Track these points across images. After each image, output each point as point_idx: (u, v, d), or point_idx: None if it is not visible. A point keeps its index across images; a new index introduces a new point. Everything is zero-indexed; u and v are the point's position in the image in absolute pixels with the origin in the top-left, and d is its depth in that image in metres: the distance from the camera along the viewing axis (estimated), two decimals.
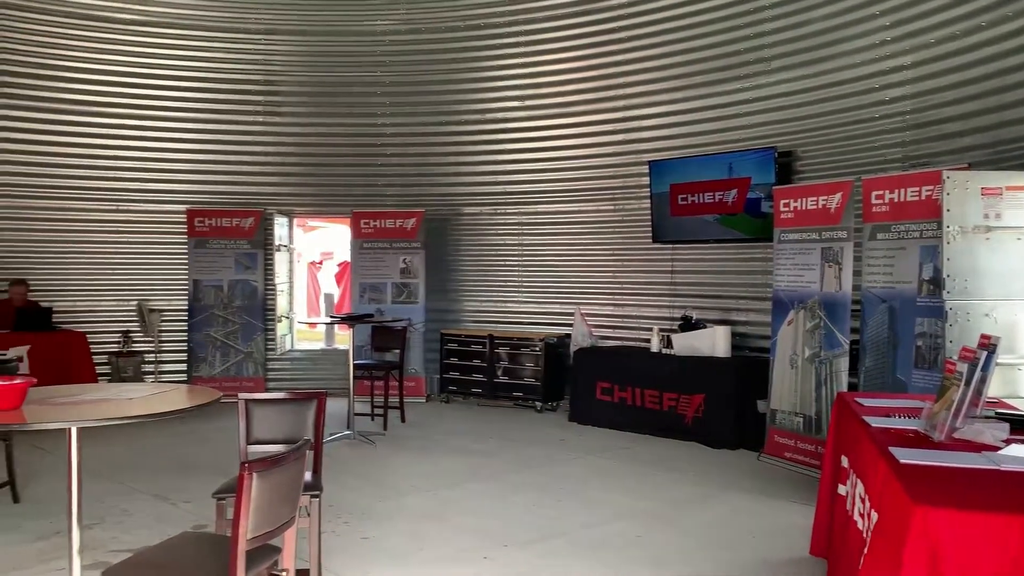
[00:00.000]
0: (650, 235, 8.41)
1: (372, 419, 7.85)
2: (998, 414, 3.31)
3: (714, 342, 7.43)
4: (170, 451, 6.89)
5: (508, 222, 9.75)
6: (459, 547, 4.58)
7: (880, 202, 5.59)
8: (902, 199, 5.44)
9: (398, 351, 8.00)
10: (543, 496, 5.61)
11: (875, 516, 2.72)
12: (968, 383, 3.02)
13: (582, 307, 9.02)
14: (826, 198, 6.12)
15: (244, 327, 9.61)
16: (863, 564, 2.70)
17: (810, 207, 6.26)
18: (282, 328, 10.06)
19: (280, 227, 10.01)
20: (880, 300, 5.56)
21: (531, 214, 9.59)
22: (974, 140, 6.04)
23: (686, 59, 8.21)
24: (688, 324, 7.80)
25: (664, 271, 8.52)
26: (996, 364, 3.09)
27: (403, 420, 8.06)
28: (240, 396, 3.84)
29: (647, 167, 8.36)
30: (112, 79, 9.34)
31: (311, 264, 16.62)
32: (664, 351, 7.79)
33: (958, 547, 2.17)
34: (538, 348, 8.81)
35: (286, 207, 10.09)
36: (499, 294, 9.85)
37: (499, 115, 9.64)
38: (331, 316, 12.78)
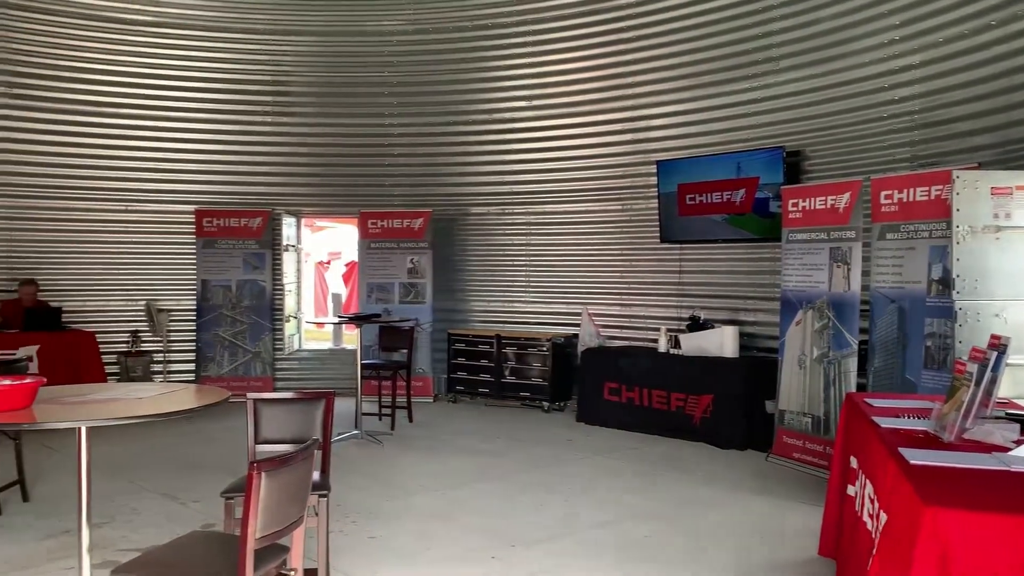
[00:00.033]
0: (658, 235, 8.39)
1: (380, 419, 7.86)
2: (1008, 415, 3.29)
3: (722, 342, 7.41)
4: (179, 450, 6.91)
5: (515, 222, 9.75)
6: (467, 547, 4.58)
7: (889, 202, 5.57)
8: (911, 199, 5.41)
9: (405, 351, 8.00)
10: (551, 496, 5.61)
11: (884, 517, 2.71)
12: (978, 384, 3.01)
13: (590, 307, 9.02)
14: (835, 198, 6.10)
15: (252, 327, 9.63)
16: (872, 565, 2.69)
17: (819, 207, 6.24)
18: (290, 328, 10.09)
19: (288, 227, 10.04)
20: (889, 300, 5.54)
21: (539, 214, 9.59)
22: (983, 140, 6.01)
23: (694, 59, 8.20)
24: (696, 324, 7.78)
25: (672, 271, 8.51)
26: (1006, 364, 3.08)
27: (411, 420, 8.07)
28: (249, 396, 3.85)
29: (655, 167, 8.35)
30: (121, 80, 9.38)
31: (319, 264, 16.64)
32: (672, 351, 7.78)
33: (968, 548, 2.16)
34: (545, 348, 8.81)
35: (294, 207, 10.12)
36: (506, 294, 9.85)
37: (506, 115, 9.64)
38: (339, 316, 12.82)
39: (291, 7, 9.71)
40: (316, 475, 3.53)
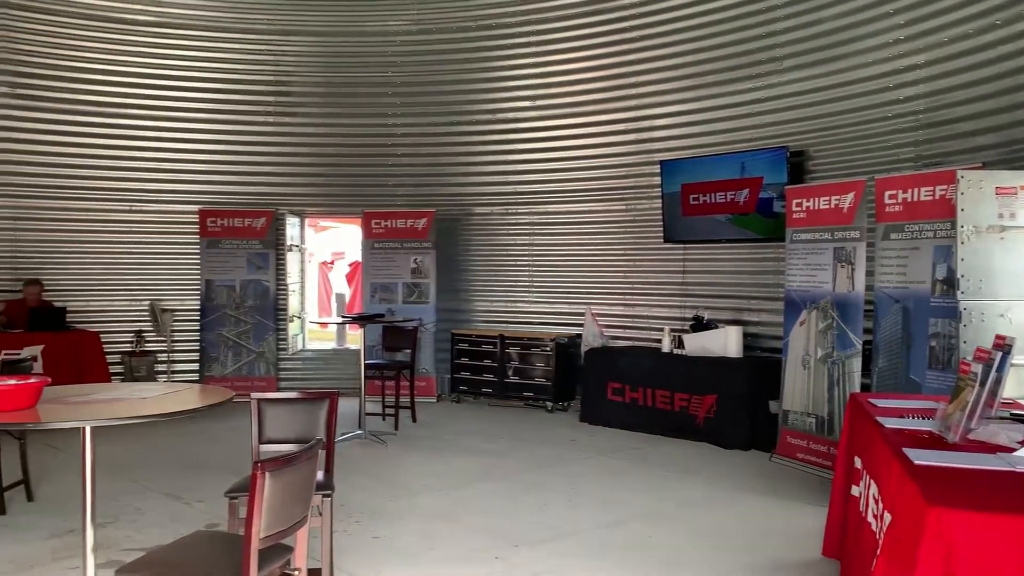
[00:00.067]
0: (662, 235, 8.39)
1: (383, 419, 7.87)
2: (1013, 415, 3.29)
3: (726, 342, 7.40)
4: (183, 450, 6.92)
5: (519, 222, 9.75)
6: (470, 547, 4.58)
7: (893, 202, 5.56)
8: (915, 199, 5.40)
9: (409, 351, 8.00)
10: (554, 496, 5.60)
11: (889, 517, 2.70)
12: (983, 384, 3.01)
13: (593, 307, 9.01)
14: (839, 198, 6.09)
15: (256, 327, 9.64)
16: (876, 565, 2.68)
17: (822, 207, 6.23)
18: (294, 328, 10.09)
19: (292, 227, 10.05)
20: (893, 300, 5.53)
21: (542, 214, 9.59)
22: (988, 139, 6.00)
23: (698, 58, 8.19)
24: (700, 324, 7.77)
25: (676, 271, 8.50)
26: (1011, 365, 3.07)
27: (414, 420, 8.07)
28: (253, 396, 3.85)
29: (659, 167, 8.34)
30: (124, 80, 9.40)
31: (322, 264, 16.67)
32: (676, 351, 7.77)
33: (973, 548, 2.16)
34: (549, 348, 8.80)
35: (298, 207, 10.13)
36: (510, 294, 9.85)
37: (510, 115, 9.64)
38: (342, 316, 12.83)
39: (294, 7, 9.72)
40: (320, 475, 3.53)
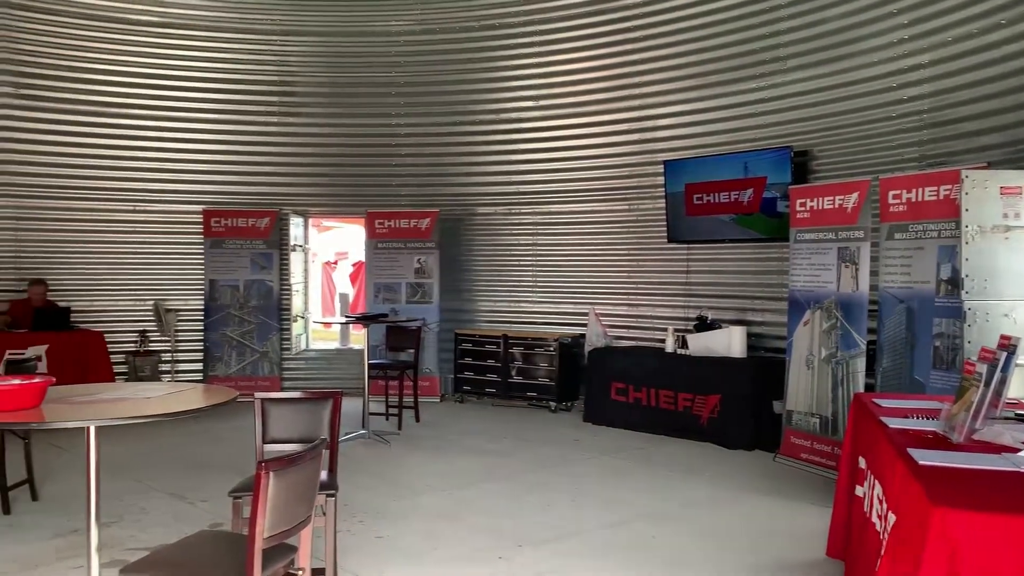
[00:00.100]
0: (665, 235, 8.38)
1: (387, 419, 7.87)
2: (1018, 415, 3.28)
3: (730, 342, 7.40)
4: (186, 450, 6.93)
5: (522, 222, 9.75)
6: (474, 547, 4.58)
7: (897, 202, 5.55)
8: (920, 198, 5.40)
9: (412, 351, 8.01)
10: (558, 496, 5.60)
11: (893, 518, 2.70)
12: (987, 384, 3.00)
13: (596, 307, 9.01)
14: (843, 198, 6.08)
15: (260, 327, 9.65)
16: (880, 566, 2.68)
17: (826, 207, 6.22)
18: (297, 328, 10.10)
19: (295, 227, 10.06)
20: (897, 300, 5.52)
21: (545, 214, 9.59)
22: (992, 139, 5.99)
23: (701, 58, 8.18)
24: (703, 324, 7.77)
25: (679, 271, 8.50)
26: (1016, 365, 3.06)
27: (417, 420, 8.08)
28: (256, 395, 3.86)
29: (662, 167, 8.34)
30: (128, 81, 9.41)
31: (326, 264, 16.68)
32: (679, 351, 7.76)
33: (977, 549, 2.15)
34: (552, 348, 8.80)
35: (301, 207, 10.14)
36: (513, 294, 9.85)
37: (513, 115, 9.64)
38: (346, 316, 12.83)
39: (298, 8, 9.72)
40: (324, 475, 3.54)
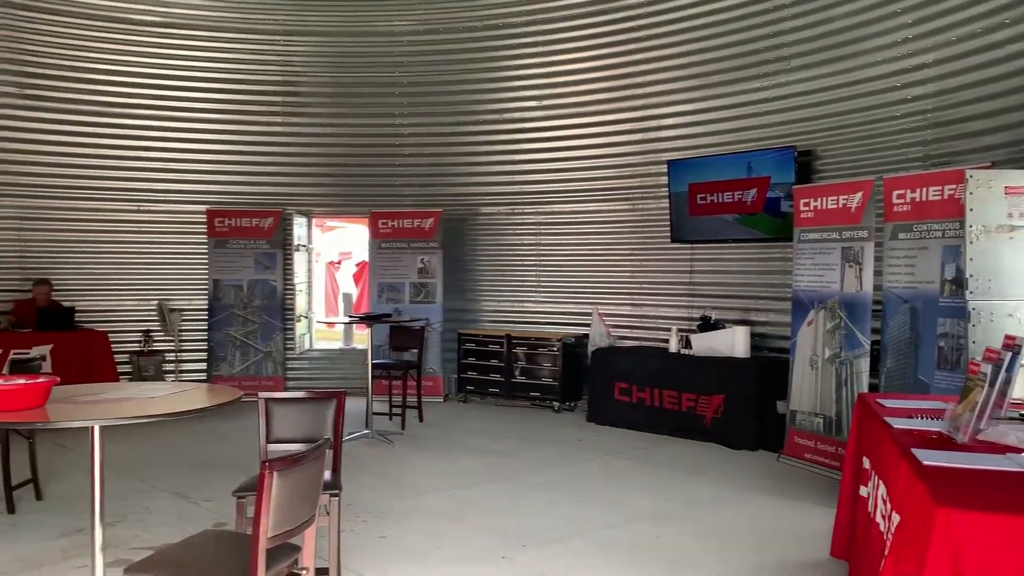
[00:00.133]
0: (669, 235, 8.38)
1: (390, 418, 7.87)
2: (1022, 415, 3.27)
3: (733, 342, 7.39)
4: (191, 450, 6.94)
5: (526, 222, 9.75)
6: (477, 546, 4.59)
7: (901, 201, 5.54)
8: (924, 198, 5.38)
9: (416, 351, 8.01)
10: (561, 496, 5.60)
11: (897, 518, 2.69)
12: (992, 384, 2.99)
13: (600, 307, 9.00)
14: (846, 197, 6.07)
15: (263, 326, 9.66)
16: (884, 566, 2.68)
17: (830, 206, 6.21)
18: (301, 327, 10.12)
19: (299, 227, 10.08)
20: (902, 300, 5.51)
21: (549, 214, 9.59)
22: (997, 139, 5.97)
23: (705, 58, 8.17)
24: (707, 324, 7.76)
25: (683, 271, 8.49)
26: (1021, 365, 3.05)
27: (421, 419, 8.08)
28: (260, 395, 3.86)
29: (666, 166, 8.33)
30: (132, 81, 9.42)
31: (329, 264, 16.69)
32: (683, 351, 7.76)
33: (982, 550, 2.15)
34: (556, 348, 8.80)
35: (305, 207, 10.15)
36: (517, 294, 9.85)
37: (516, 115, 9.64)
38: (349, 316, 12.85)
39: (301, 8, 9.73)
40: (327, 474, 3.54)
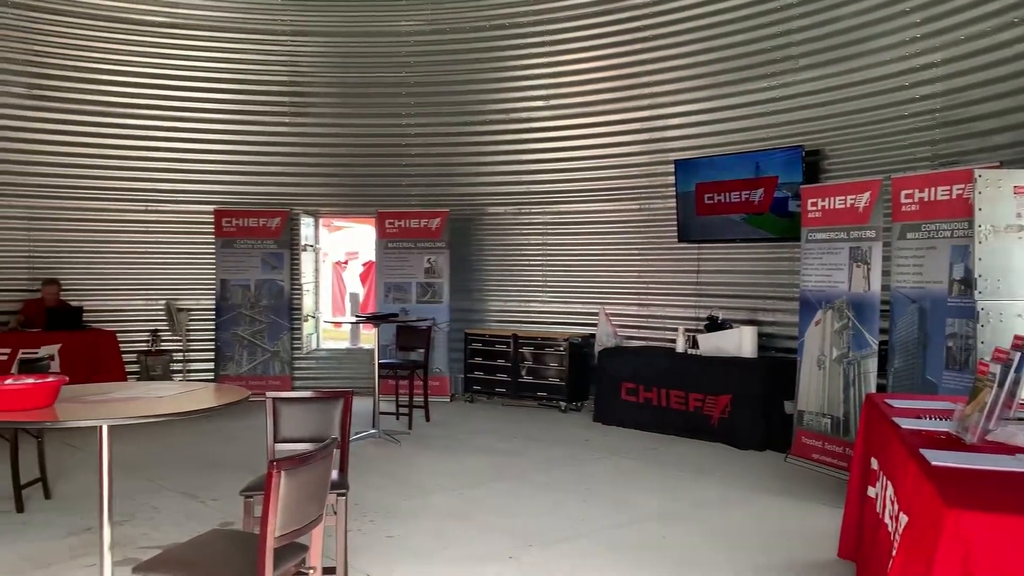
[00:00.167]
0: (676, 235, 8.36)
1: (397, 418, 7.88)
2: None
3: (740, 342, 7.38)
4: (198, 449, 6.96)
5: (532, 222, 9.75)
6: (484, 546, 4.59)
7: (910, 201, 5.52)
8: (932, 198, 5.36)
9: (423, 350, 8.02)
10: (568, 496, 5.60)
11: (905, 519, 2.68)
12: (1001, 385, 2.98)
13: (607, 307, 9.00)
14: (854, 197, 6.05)
15: (271, 326, 9.68)
16: (892, 567, 2.66)
17: (838, 206, 6.19)
18: (308, 327, 10.13)
19: (306, 227, 10.09)
20: (910, 300, 5.49)
21: (555, 214, 9.58)
22: (1005, 138, 5.95)
23: (712, 57, 8.16)
24: (714, 324, 7.75)
25: (690, 271, 8.48)
26: None
27: (428, 419, 8.09)
28: (268, 395, 3.87)
29: (673, 166, 8.32)
30: (139, 81, 9.45)
31: (336, 264, 16.71)
32: (690, 351, 7.75)
33: (991, 550, 2.14)
34: (562, 348, 8.79)
35: (312, 207, 10.17)
36: (523, 294, 9.85)
37: (523, 115, 9.63)
38: (356, 316, 12.85)
39: (308, 8, 9.75)
40: (334, 474, 3.54)
